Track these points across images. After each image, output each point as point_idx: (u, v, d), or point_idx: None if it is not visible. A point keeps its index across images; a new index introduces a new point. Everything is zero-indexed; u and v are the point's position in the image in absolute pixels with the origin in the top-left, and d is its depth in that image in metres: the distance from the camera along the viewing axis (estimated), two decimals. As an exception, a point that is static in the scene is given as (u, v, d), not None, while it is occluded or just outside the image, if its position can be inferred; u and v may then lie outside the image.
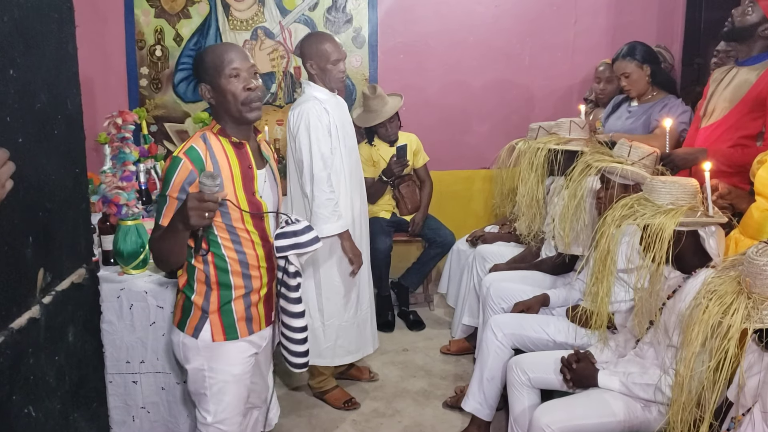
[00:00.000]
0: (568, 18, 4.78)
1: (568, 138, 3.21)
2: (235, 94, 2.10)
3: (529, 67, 4.85)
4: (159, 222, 2.05)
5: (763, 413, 1.74)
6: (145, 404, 2.76)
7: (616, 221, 2.26)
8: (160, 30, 4.75)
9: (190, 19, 4.74)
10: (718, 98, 3.08)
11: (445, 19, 4.77)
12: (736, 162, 2.89)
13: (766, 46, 2.96)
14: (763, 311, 1.61)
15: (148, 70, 4.82)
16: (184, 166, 2.02)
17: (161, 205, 2.05)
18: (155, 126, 4.84)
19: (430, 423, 3.31)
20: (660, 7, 4.74)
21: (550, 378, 2.62)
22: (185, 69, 4.78)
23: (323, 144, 3.10)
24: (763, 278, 1.62)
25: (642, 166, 2.70)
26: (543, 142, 3.24)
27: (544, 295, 3.14)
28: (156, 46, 4.78)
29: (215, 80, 2.12)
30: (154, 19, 4.74)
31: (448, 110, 4.89)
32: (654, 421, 2.29)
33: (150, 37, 4.77)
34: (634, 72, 3.57)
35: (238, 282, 2.15)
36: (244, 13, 4.75)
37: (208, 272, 2.13)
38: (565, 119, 3.30)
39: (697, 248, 2.25)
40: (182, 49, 4.78)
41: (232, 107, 2.11)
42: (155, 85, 4.84)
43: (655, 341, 2.34)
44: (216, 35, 4.76)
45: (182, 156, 2.04)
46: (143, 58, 4.80)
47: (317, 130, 3.09)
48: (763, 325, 1.59)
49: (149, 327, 2.70)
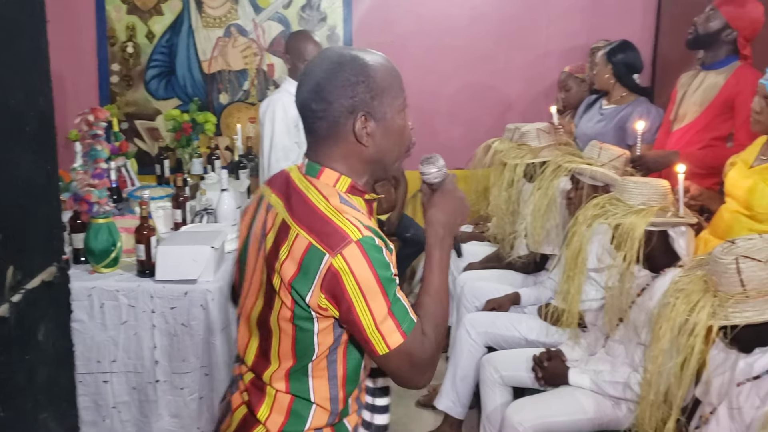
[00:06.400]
0: (541, 21, 4.83)
1: (540, 147, 3.24)
2: (407, 135, 1.48)
3: (504, 69, 4.89)
4: (408, 316, 1.35)
5: (729, 410, 1.78)
6: (116, 404, 2.73)
7: (588, 221, 2.30)
8: (131, 26, 4.71)
9: (162, 15, 4.70)
10: (688, 102, 3.14)
11: (421, 20, 4.79)
12: (708, 164, 2.95)
13: (730, 50, 3.03)
14: (728, 309, 1.65)
15: (120, 67, 4.77)
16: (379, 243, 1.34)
17: (395, 293, 1.34)
18: (126, 123, 4.79)
19: (403, 422, 3.32)
20: (633, 10, 4.80)
21: (522, 376, 2.65)
22: (157, 66, 4.75)
23: (285, 136, 3.14)
24: (728, 277, 1.66)
25: (611, 167, 2.74)
26: (517, 158, 3.26)
27: (516, 293, 3.18)
28: (128, 42, 4.73)
29: (386, 112, 1.40)
30: (126, 16, 4.69)
31: (424, 110, 4.89)
32: (624, 418, 2.33)
33: (122, 34, 4.72)
34: (600, 66, 3.67)
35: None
36: (217, 11, 4.72)
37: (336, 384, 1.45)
38: (531, 128, 3.33)
39: (667, 248, 2.29)
40: (154, 46, 4.74)
41: (397, 152, 1.46)
42: (126, 82, 4.79)
43: (625, 339, 2.38)
44: (189, 32, 4.73)
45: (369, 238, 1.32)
46: (114, 54, 4.75)
47: (281, 122, 3.14)
48: (727, 322, 1.64)
49: (121, 326, 2.67)
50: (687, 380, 1.76)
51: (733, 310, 1.65)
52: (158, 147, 4.43)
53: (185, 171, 4.15)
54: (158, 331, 2.65)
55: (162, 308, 2.63)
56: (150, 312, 2.64)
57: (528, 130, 3.32)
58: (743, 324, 1.63)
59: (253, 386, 1.45)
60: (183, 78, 4.79)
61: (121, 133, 4.40)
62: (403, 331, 1.32)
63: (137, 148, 4.77)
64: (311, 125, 1.39)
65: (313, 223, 1.32)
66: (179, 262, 2.61)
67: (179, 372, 2.67)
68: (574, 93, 4.16)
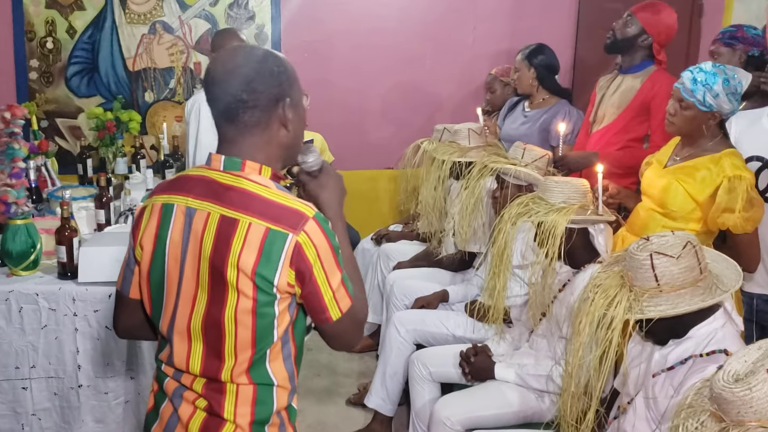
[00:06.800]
0: (467, 23, 4.91)
1: (469, 147, 3.30)
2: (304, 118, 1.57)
3: (431, 70, 4.94)
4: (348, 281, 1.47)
5: (645, 400, 1.85)
6: (35, 411, 2.64)
7: (512, 219, 2.36)
8: (51, 21, 4.55)
9: (84, 11, 4.56)
10: (607, 104, 3.25)
11: (349, 20, 4.79)
12: (626, 164, 3.07)
13: (646, 55, 3.15)
14: (643, 303, 1.72)
15: (39, 63, 4.60)
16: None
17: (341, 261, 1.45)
18: (46, 121, 4.63)
19: (333, 421, 3.33)
20: (554, 15, 4.94)
21: (450, 372, 2.70)
22: (79, 63, 4.60)
23: (211, 135, 3.11)
24: (643, 272, 1.74)
25: (535, 167, 2.82)
26: (446, 154, 3.31)
27: (444, 291, 3.23)
28: (47, 38, 4.57)
29: (298, 98, 1.51)
30: (45, 10, 4.53)
31: (353, 111, 4.92)
32: (547, 410, 2.40)
33: (40, 29, 4.55)
34: (522, 71, 3.76)
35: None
36: (142, 7, 4.61)
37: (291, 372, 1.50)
38: (463, 127, 3.39)
39: (586, 245, 2.38)
40: (75, 42, 4.59)
41: (301, 136, 1.56)
42: (46, 78, 4.63)
43: (548, 333, 2.45)
44: (112, 29, 4.60)
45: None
46: (33, 50, 4.58)
47: (207, 120, 3.09)
48: (642, 315, 1.71)
49: (41, 330, 2.58)
50: (606, 372, 1.83)
51: (647, 304, 1.72)
52: (80, 146, 4.31)
53: (109, 170, 4.06)
54: (81, 334, 2.58)
55: (85, 311, 2.56)
56: (72, 315, 2.57)
57: (460, 129, 3.38)
58: (657, 317, 1.70)
59: (209, 390, 1.45)
60: (106, 75, 4.67)
61: (41, 132, 4.26)
62: (350, 296, 1.45)
63: (58, 146, 4.61)
64: (240, 116, 1.43)
65: (265, 210, 1.38)
66: (103, 264, 2.54)
67: (103, 376, 2.61)
68: (498, 95, 4.27)
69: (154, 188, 1.58)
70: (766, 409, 1.28)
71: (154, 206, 1.49)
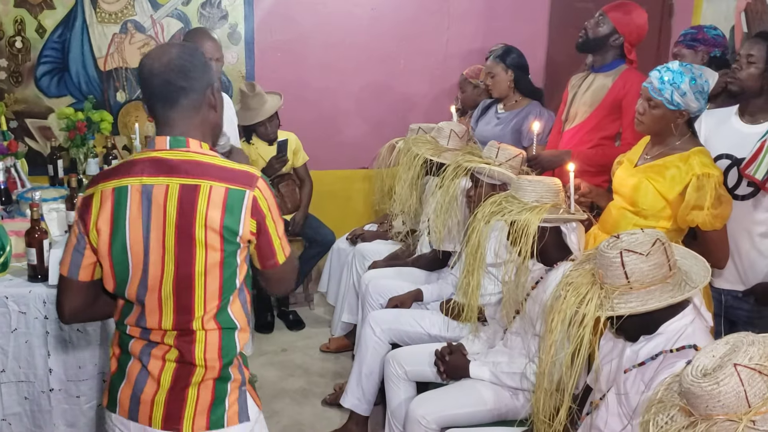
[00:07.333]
0: (441, 23, 4.92)
1: (445, 148, 3.31)
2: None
3: (404, 70, 4.96)
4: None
5: (617, 396, 1.87)
6: (5, 416, 2.60)
7: (486, 217, 2.37)
8: (20, 20, 4.48)
9: (54, 9, 4.50)
10: (579, 103, 3.28)
11: (322, 19, 4.78)
12: (598, 162, 3.10)
13: (618, 54, 3.19)
14: (614, 300, 1.74)
15: (7, 63, 4.53)
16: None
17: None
18: (15, 122, 4.56)
19: (309, 422, 3.32)
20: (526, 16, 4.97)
21: (425, 370, 2.71)
22: (48, 62, 4.54)
23: None
24: (613, 270, 1.75)
25: (509, 167, 2.83)
26: (421, 149, 3.32)
27: (418, 290, 3.23)
28: (16, 37, 4.50)
29: (219, 84, 1.78)
30: (14, 9, 4.46)
31: (327, 110, 4.91)
32: (521, 408, 2.41)
33: (9, 28, 4.48)
34: (499, 74, 3.73)
35: None
36: (113, 6, 4.56)
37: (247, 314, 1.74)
38: (446, 126, 3.40)
39: (559, 243, 2.40)
40: (45, 41, 4.52)
41: (222, 118, 1.79)
42: (15, 78, 4.56)
43: (521, 331, 2.47)
44: (83, 28, 4.54)
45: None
46: (1, 49, 4.50)
47: None
48: (613, 312, 1.72)
49: (11, 334, 2.55)
50: (578, 369, 1.84)
51: (618, 301, 1.74)
52: (51, 146, 4.26)
53: (80, 171, 4.02)
54: (52, 338, 2.55)
55: (56, 314, 2.52)
56: (43, 318, 2.54)
57: (443, 128, 3.39)
58: (628, 314, 1.72)
59: (180, 341, 1.63)
60: (77, 75, 4.61)
61: (10, 132, 4.19)
62: (288, 242, 1.73)
63: (28, 147, 4.54)
64: (180, 101, 1.63)
65: (220, 174, 1.61)
66: (74, 266, 2.51)
67: (75, 380, 2.59)
68: (468, 95, 4.34)
69: (93, 177, 1.71)
70: (733, 403, 1.31)
71: (104, 192, 1.61)
